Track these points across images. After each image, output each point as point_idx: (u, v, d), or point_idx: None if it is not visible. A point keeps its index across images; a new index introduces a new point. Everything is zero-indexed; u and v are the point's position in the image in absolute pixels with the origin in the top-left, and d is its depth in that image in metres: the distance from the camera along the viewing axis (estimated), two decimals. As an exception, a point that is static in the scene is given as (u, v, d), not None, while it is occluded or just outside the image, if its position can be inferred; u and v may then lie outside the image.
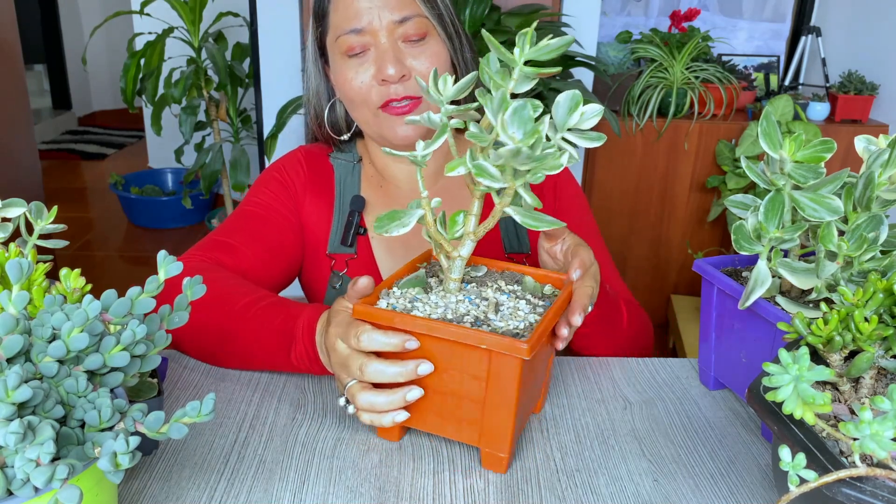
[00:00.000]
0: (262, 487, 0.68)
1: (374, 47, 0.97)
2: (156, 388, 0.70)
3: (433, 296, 0.72)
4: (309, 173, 1.08)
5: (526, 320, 0.69)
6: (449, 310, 0.69)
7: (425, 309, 0.69)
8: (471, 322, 0.67)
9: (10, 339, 0.48)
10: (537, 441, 0.76)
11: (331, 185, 1.08)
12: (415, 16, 0.97)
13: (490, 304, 0.70)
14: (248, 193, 1.08)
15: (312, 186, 1.07)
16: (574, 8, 2.39)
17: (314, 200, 1.07)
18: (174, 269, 0.58)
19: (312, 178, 1.08)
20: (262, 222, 1.03)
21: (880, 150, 0.66)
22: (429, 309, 0.69)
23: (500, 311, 0.70)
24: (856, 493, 0.46)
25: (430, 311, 0.69)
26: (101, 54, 5.50)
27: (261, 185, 1.07)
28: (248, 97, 3.11)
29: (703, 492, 0.69)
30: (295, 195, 1.07)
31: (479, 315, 0.69)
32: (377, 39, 0.97)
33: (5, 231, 0.64)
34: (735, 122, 2.40)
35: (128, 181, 3.80)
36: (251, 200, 1.06)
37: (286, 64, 2.48)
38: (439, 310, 0.69)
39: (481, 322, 0.68)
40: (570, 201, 1.10)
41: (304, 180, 1.08)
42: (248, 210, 1.04)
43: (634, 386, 0.88)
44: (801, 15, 2.83)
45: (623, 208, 2.50)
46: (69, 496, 0.45)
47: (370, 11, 0.96)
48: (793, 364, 0.49)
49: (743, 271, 0.84)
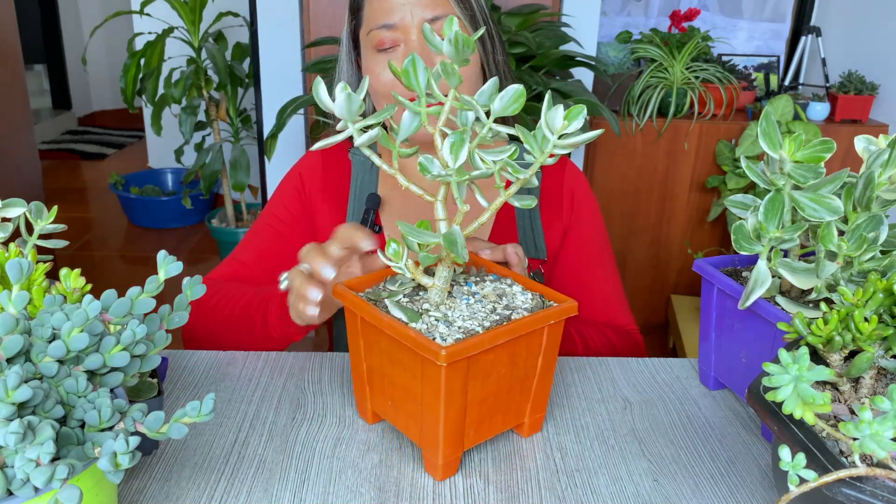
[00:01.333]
0: (262, 487, 0.68)
1: (404, 43, 0.98)
2: (156, 388, 0.70)
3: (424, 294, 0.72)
4: (324, 175, 1.10)
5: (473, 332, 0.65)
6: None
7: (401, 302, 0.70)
8: (435, 319, 0.66)
9: (10, 339, 0.48)
10: (537, 441, 0.76)
11: (346, 183, 1.09)
12: (447, 15, 0.97)
13: (457, 304, 0.70)
14: (269, 202, 1.12)
15: (327, 189, 1.09)
16: (574, 8, 2.39)
17: (328, 203, 1.09)
18: (174, 269, 0.58)
19: (327, 180, 1.10)
20: (275, 238, 1.08)
21: (880, 150, 0.66)
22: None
23: (463, 313, 0.69)
24: (856, 493, 0.46)
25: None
26: (101, 54, 5.50)
27: (276, 196, 1.12)
28: (248, 97, 3.11)
29: (703, 492, 0.69)
30: (308, 197, 1.09)
31: (442, 315, 0.68)
32: (408, 36, 0.98)
33: (5, 231, 0.64)
34: (735, 122, 2.40)
35: (128, 181, 3.80)
36: (268, 212, 1.11)
37: (286, 64, 2.48)
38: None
39: (448, 322, 0.66)
40: (585, 217, 1.10)
41: (319, 185, 1.10)
42: (263, 225, 1.10)
43: (634, 386, 0.88)
44: (801, 15, 2.83)
45: (623, 208, 2.50)
46: (69, 496, 0.45)
47: (403, 8, 0.97)
48: (793, 364, 0.49)
49: (743, 271, 0.84)
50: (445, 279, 0.69)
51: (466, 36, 0.59)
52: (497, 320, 0.67)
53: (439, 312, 0.68)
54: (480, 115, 0.63)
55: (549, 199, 1.09)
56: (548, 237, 1.08)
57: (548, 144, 0.60)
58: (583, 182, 1.12)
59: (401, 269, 0.67)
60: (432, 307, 0.69)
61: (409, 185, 0.67)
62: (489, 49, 1.03)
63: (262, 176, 2.72)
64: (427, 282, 0.69)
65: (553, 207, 1.09)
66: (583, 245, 1.08)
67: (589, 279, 1.07)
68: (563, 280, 1.08)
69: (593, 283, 1.07)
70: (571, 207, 1.09)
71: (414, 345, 0.63)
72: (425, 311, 0.68)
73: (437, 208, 0.67)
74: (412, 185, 0.68)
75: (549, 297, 0.72)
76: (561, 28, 2.17)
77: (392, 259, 0.67)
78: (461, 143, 0.60)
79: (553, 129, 0.59)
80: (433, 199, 0.68)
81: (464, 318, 0.67)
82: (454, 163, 0.60)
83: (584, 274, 1.07)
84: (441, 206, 0.67)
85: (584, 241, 1.08)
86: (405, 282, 0.72)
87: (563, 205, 1.09)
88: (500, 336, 0.64)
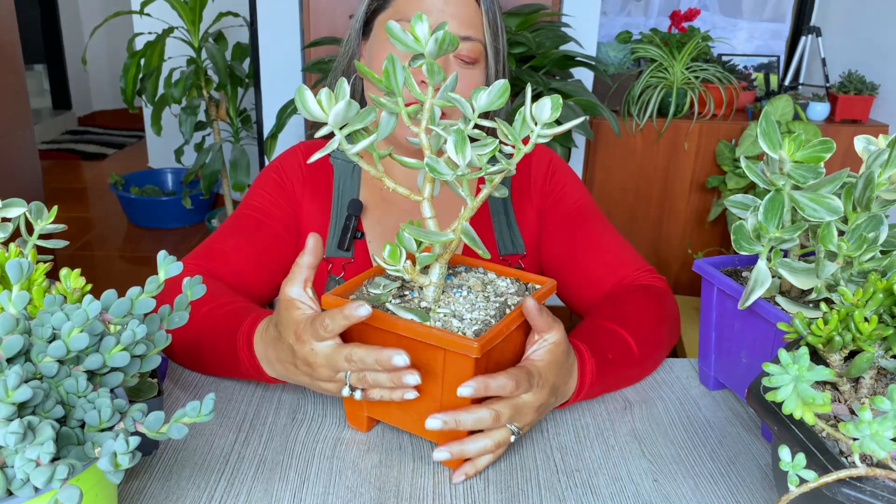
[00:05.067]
0: (262, 487, 0.68)
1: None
2: (156, 388, 0.70)
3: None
4: (307, 173, 1.07)
5: (486, 322, 0.68)
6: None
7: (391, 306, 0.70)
8: (444, 315, 0.68)
9: (10, 339, 0.48)
10: (537, 441, 0.76)
11: (329, 187, 1.07)
12: (476, 39, 0.97)
13: (457, 302, 0.71)
14: (246, 195, 1.07)
15: (310, 187, 1.07)
16: (574, 8, 2.39)
17: (312, 202, 1.06)
18: (174, 269, 0.58)
19: (311, 178, 1.07)
20: (256, 226, 1.03)
21: (880, 150, 0.66)
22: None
23: (463, 306, 0.70)
24: (856, 493, 0.46)
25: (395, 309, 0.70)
26: (101, 54, 5.50)
27: (257, 186, 1.07)
28: (248, 97, 3.11)
29: (703, 492, 0.69)
30: (293, 195, 1.06)
31: (451, 310, 0.69)
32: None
33: (5, 231, 0.64)
34: (735, 122, 2.40)
35: (128, 181, 3.80)
36: (248, 203, 1.06)
37: (286, 64, 2.48)
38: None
39: (458, 317, 0.68)
40: (565, 190, 1.08)
41: (302, 180, 1.07)
42: (243, 213, 1.04)
43: (634, 386, 0.88)
44: (801, 15, 2.83)
45: (623, 208, 2.49)
46: (69, 496, 0.45)
47: (440, 14, 0.96)
48: (793, 364, 0.49)
49: (743, 271, 0.84)
50: (440, 276, 0.70)
51: (453, 35, 0.62)
52: (498, 307, 0.70)
53: (448, 308, 0.69)
54: (467, 111, 0.65)
55: (517, 185, 1.09)
56: (522, 226, 1.07)
57: (527, 132, 0.64)
58: (552, 159, 1.10)
59: (398, 272, 0.68)
60: (432, 304, 0.70)
61: (395, 187, 0.68)
62: (499, 69, 1.03)
63: (262, 176, 2.71)
64: (424, 281, 0.70)
65: (522, 193, 1.08)
66: (568, 213, 1.06)
67: (587, 240, 1.03)
68: (561, 251, 1.05)
69: (593, 241, 1.04)
70: (543, 188, 1.08)
71: (441, 342, 0.64)
72: (427, 309, 0.69)
73: (425, 207, 0.68)
74: (399, 187, 0.68)
75: (523, 280, 0.77)
76: (561, 28, 2.17)
77: (390, 261, 0.67)
78: (463, 141, 0.62)
79: (539, 121, 0.63)
80: (421, 198, 0.69)
81: (468, 311, 0.69)
82: (463, 160, 0.62)
83: (581, 238, 1.04)
84: (428, 204, 0.68)
85: (569, 209, 1.06)
86: (388, 284, 0.72)
87: (533, 187, 1.08)
88: (514, 321, 0.68)
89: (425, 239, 0.66)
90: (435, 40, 0.60)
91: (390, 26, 0.62)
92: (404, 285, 0.73)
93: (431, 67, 0.62)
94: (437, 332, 0.65)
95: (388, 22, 0.63)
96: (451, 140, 0.62)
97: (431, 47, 0.61)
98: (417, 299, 0.71)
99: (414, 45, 0.62)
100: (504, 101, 0.64)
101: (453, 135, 0.62)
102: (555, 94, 0.62)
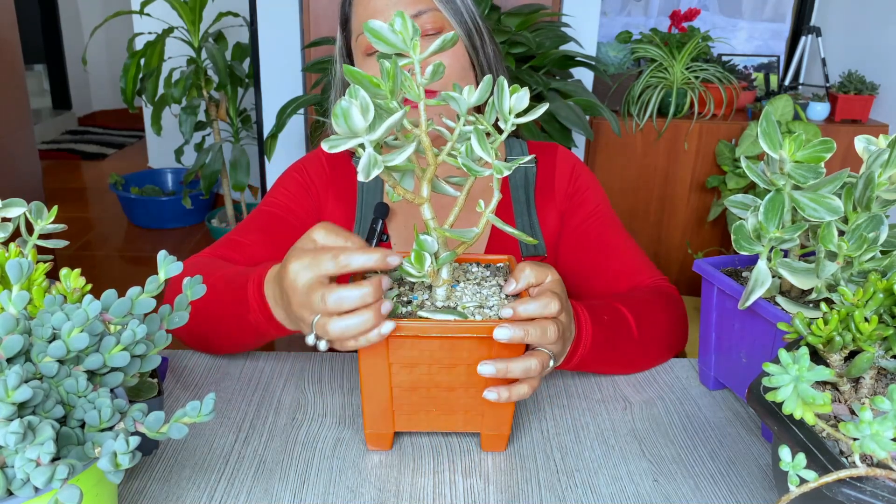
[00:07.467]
0: (262, 487, 0.68)
1: None
2: (156, 388, 0.70)
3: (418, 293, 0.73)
4: (331, 174, 1.08)
5: (503, 303, 0.70)
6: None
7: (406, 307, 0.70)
8: (473, 308, 0.69)
9: (10, 339, 0.48)
10: (537, 441, 0.76)
11: (353, 189, 1.07)
12: (429, 10, 0.97)
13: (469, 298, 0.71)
14: (268, 193, 1.09)
15: (334, 189, 1.07)
16: (574, 8, 2.39)
17: (336, 203, 1.07)
18: (174, 269, 0.58)
19: (335, 180, 1.08)
20: (275, 221, 1.04)
21: (880, 150, 0.66)
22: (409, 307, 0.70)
23: (477, 299, 0.71)
24: (856, 493, 0.46)
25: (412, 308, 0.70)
26: (101, 54, 5.50)
27: (279, 184, 1.08)
28: (248, 97, 3.11)
29: (703, 492, 0.69)
30: (317, 196, 1.07)
31: (476, 304, 0.70)
32: None
33: (5, 231, 0.64)
34: (735, 122, 2.40)
35: (128, 181, 3.80)
36: (268, 200, 1.07)
37: (286, 64, 2.48)
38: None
39: (478, 310, 0.69)
40: (586, 195, 1.09)
41: (326, 181, 1.07)
42: (263, 210, 1.06)
43: (634, 386, 0.88)
44: (801, 15, 2.83)
45: (623, 208, 2.49)
46: (69, 496, 0.45)
47: (387, 9, 0.97)
48: (793, 364, 0.49)
49: (743, 271, 0.84)
50: (450, 273, 0.70)
51: (413, 22, 0.62)
52: (503, 296, 0.71)
53: (474, 302, 0.70)
54: (461, 108, 0.65)
55: (540, 185, 1.09)
56: (544, 227, 1.07)
57: (499, 120, 0.65)
58: (575, 164, 1.10)
59: (422, 275, 0.68)
60: (445, 301, 0.70)
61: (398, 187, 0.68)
62: (477, 44, 1.02)
63: (262, 176, 2.72)
64: (439, 280, 0.70)
65: (545, 192, 1.08)
66: (588, 217, 1.06)
67: (605, 245, 1.04)
68: (579, 253, 1.05)
69: (611, 246, 1.04)
70: (566, 189, 1.08)
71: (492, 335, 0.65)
72: (454, 307, 0.70)
73: (425, 209, 0.68)
74: (401, 188, 0.68)
75: (483, 262, 0.79)
76: (561, 28, 2.17)
77: (416, 265, 0.67)
78: (481, 135, 0.63)
79: (507, 111, 0.64)
80: (457, 193, 0.70)
81: (483, 301, 0.70)
82: (490, 155, 0.63)
83: (600, 243, 1.04)
84: (428, 206, 0.68)
85: (589, 214, 1.07)
86: (388, 293, 0.71)
87: (556, 188, 1.08)
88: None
89: (460, 238, 0.67)
90: (393, 31, 0.61)
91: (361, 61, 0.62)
92: (401, 291, 0.73)
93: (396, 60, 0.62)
94: (489, 323, 0.66)
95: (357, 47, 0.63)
96: (473, 139, 0.63)
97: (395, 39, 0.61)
98: (430, 300, 0.71)
99: (390, 48, 0.63)
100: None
101: (474, 133, 0.63)
102: (555, 94, 0.62)
